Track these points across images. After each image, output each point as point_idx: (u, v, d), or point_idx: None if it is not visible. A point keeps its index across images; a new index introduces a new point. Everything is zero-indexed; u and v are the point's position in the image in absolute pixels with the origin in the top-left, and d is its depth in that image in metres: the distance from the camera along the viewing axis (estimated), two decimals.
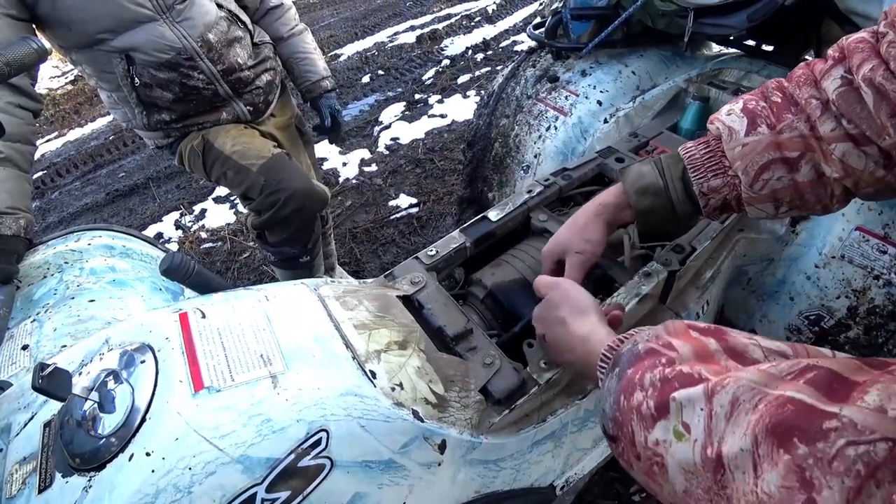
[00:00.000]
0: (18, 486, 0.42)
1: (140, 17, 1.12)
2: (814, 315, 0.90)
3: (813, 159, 0.54)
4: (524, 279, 0.83)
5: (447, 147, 3.23)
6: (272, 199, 1.29)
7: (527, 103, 1.35)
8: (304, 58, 1.47)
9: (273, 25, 1.43)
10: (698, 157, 0.60)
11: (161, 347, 0.45)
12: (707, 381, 0.34)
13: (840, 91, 0.50)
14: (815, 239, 0.91)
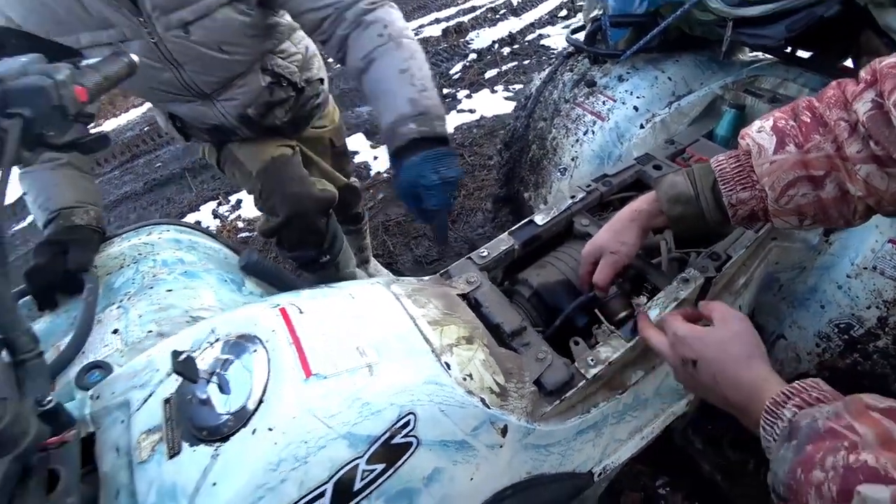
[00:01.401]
0: (148, 453, 0.50)
1: (182, 100, 1.16)
2: (844, 323, 0.94)
3: (838, 178, 0.58)
4: (567, 280, 0.89)
5: (477, 143, 3.28)
6: (269, 205, 1.30)
7: (564, 107, 1.39)
8: (379, 91, 0.97)
9: (349, 55, 1.01)
10: (728, 170, 0.65)
11: (269, 339, 0.53)
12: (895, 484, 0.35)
13: (870, 114, 0.54)
14: (848, 250, 0.95)
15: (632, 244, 0.75)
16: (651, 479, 1.14)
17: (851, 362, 0.93)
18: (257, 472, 0.44)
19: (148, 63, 0.99)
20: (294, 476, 0.44)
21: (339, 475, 0.46)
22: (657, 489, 1.14)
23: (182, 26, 0.96)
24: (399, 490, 0.50)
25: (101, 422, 0.56)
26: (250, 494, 0.43)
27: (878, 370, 0.91)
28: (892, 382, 0.90)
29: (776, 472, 0.44)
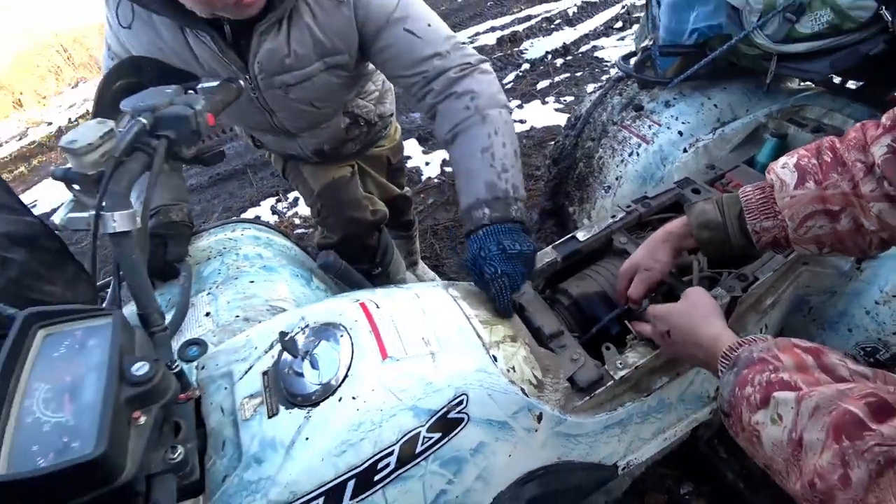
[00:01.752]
0: (251, 413, 0.64)
1: (272, 133, 1.28)
2: (870, 347, 0.99)
3: (853, 213, 0.65)
4: (604, 292, 0.99)
5: (525, 153, 3.36)
6: (327, 223, 1.46)
7: (612, 129, 1.48)
8: (459, 171, 0.98)
9: (437, 126, 1.03)
10: (754, 200, 0.73)
11: (352, 326, 0.66)
12: (800, 390, 0.49)
13: (886, 157, 0.61)
14: (878, 277, 1.00)
15: (664, 262, 0.84)
16: (676, 484, 1.21)
17: None
18: (342, 431, 0.57)
19: (246, 107, 1.11)
20: (371, 436, 0.57)
21: (405, 439, 0.58)
22: (681, 494, 1.20)
23: (283, 87, 1.06)
24: (450, 457, 0.62)
25: (207, 388, 0.68)
26: (336, 448, 0.56)
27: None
28: None
29: (722, 393, 0.58)
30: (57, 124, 6.26)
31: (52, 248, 0.73)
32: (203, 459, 0.59)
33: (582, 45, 4.87)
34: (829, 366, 0.52)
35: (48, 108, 7.23)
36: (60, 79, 7.93)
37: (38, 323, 0.48)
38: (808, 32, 1.07)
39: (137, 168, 0.60)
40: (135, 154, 0.60)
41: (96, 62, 8.39)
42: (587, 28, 5.26)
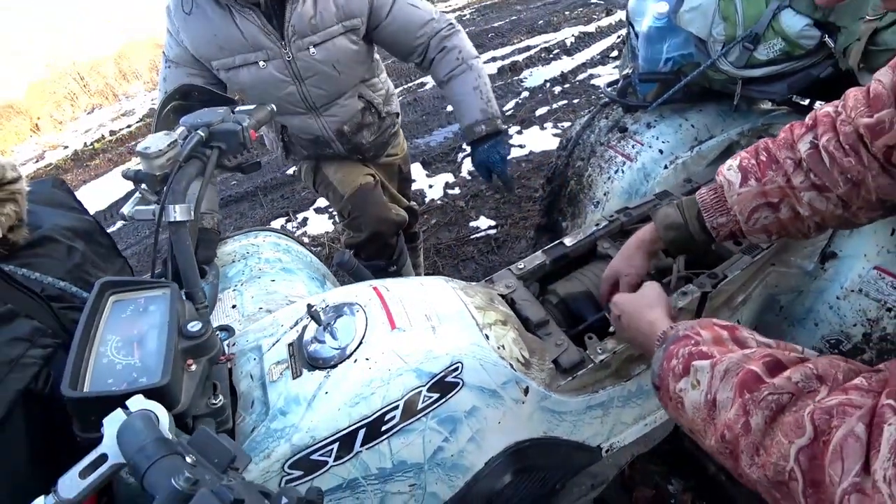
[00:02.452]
0: (277, 376, 0.74)
1: (296, 112, 1.50)
2: (834, 339, 1.09)
3: (790, 203, 0.77)
4: (589, 292, 1.10)
5: (525, 176, 3.52)
6: (355, 224, 1.65)
7: (599, 149, 1.61)
8: (459, 101, 1.48)
9: (434, 70, 1.50)
10: (708, 200, 0.85)
11: (366, 304, 0.77)
12: (713, 358, 0.58)
13: (809, 152, 0.74)
14: (839, 275, 1.10)
15: (640, 266, 0.95)
16: (663, 480, 1.29)
17: None
18: (356, 386, 0.68)
19: (280, 77, 1.38)
20: (380, 391, 0.68)
21: (408, 396, 0.69)
22: (668, 488, 1.28)
23: (309, 47, 1.35)
24: (447, 416, 0.73)
25: (238, 360, 0.79)
26: (350, 400, 0.67)
27: None
28: None
29: (653, 368, 0.67)
30: (73, 148, 6.53)
31: (105, 243, 0.86)
32: (234, 418, 0.70)
33: (579, 74, 5.09)
34: (740, 339, 0.61)
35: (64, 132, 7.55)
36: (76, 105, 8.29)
37: (110, 290, 0.60)
38: (764, 59, 1.21)
39: (194, 172, 0.74)
40: (192, 161, 0.74)
41: (112, 90, 8.76)
42: (584, 57, 5.50)
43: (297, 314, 0.81)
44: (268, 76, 1.37)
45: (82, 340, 0.55)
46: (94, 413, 0.50)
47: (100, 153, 6.09)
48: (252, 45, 1.31)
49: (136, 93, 8.79)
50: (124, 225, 4.06)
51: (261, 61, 1.34)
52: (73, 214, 0.82)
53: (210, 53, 1.32)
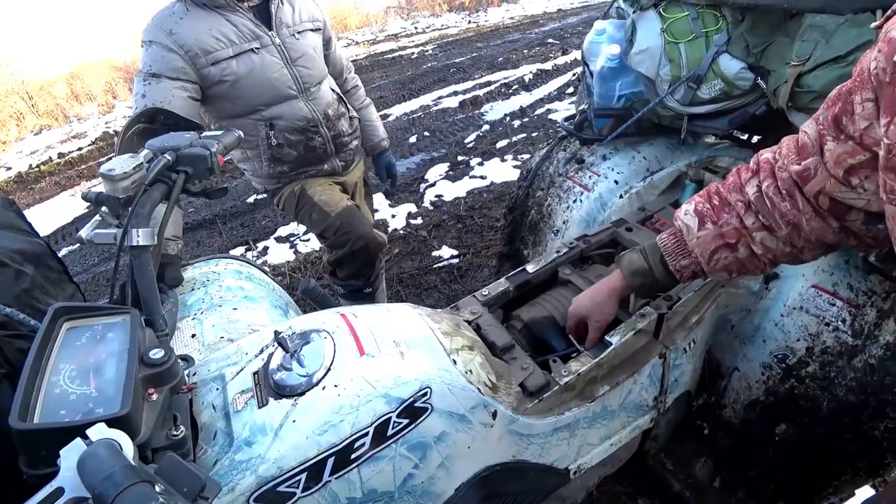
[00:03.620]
0: (242, 405, 0.72)
1: (288, 95, 1.64)
2: (781, 354, 1.16)
3: (746, 243, 0.83)
4: (552, 317, 1.13)
5: (486, 206, 3.60)
6: (344, 239, 1.75)
7: (558, 180, 1.69)
8: (370, 125, 2.04)
9: (352, 99, 1.98)
10: (670, 245, 0.91)
11: (334, 331, 0.77)
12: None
13: (755, 196, 0.81)
14: (782, 294, 1.19)
15: (610, 312, 1.00)
16: (630, 500, 1.31)
17: (790, 387, 1.14)
18: (325, 414, 0.67)
19: (275, 60, 1.60)
20: (349, 419, 0.68)
21: (378, 422, 0.69)
22: None
23: (294, 35, 1.64)
24: (417, 442, 0.73)
25: (199, 390, 0.77)
26: (319, 428, 0.67)
27: (811, 392, 1.12)
28: (823, 402, 1.11)
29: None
30: (16, 169, 6.22)
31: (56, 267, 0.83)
32: (195, 450, 0.68)
33: (537, 109, 5.31)
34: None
35: (8, 153, 7.19)
36: (23, 125, 7.94)
37: (64, 316, 0.59)
38: (707, 97, 1.31)
39: (158, 196, 0.73)
40: (157, 184, 0.73)
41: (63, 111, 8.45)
42: (542, 93, 5.76)
43: (262, 342, 0.79)
44: (263, 60, 1.57)
45: (32, 370, 0.53)
46: (44, 447, 0.48)
47: (46, 176, 5.83)
48: (247, 35, 1.54)
49: (88, 115, 8.52)
50: (71, 251, 3.88)
51: (255, 47, 1.55)
52: (22, 237, 0.79)
53: (209, 45, 1.47)
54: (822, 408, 1.11)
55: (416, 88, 6.51)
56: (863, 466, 1.11)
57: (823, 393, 1.11)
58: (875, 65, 0.59)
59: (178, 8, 1.48)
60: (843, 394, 1.09)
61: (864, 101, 0.62)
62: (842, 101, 0.67)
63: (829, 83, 1.04)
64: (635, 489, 1.31)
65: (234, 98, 1.54)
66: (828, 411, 1.11)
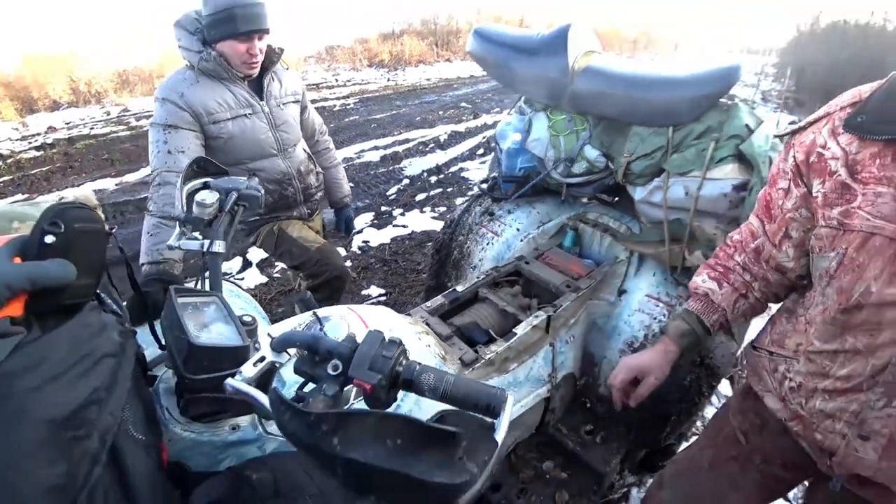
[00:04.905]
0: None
1: (270, 153, 2.04)
2: (630, 341, 1.75)
3: (752, 292, 1.14)
4: (475, 321, 1.64)
5: (408, 252, 4.11)
6: (322, 269, 2.18)
7: (475, 228, 2.25)
8: (337, 183, 2.49)
9: (322, 158, 2.42)
10: (700, 308, 1.18)
11: (344, 315, 1.20)
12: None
13: (743, 261, 1.15)
14: (629, 302, 1.80)
15: (666, 373, 1.20)
16: (539, 462, 1.79)
17: None
18: None
19: (262, 125, 1.98)
20: None
21: None
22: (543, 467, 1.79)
23: (279, 105, 2.04)
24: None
25: None
26: None
27: None
28: None
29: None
30: None
31: None
32: None
33: (452, 166, 6.01)
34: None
35: None
36: None
37: (177, 294, 0.97)
38: (578, 172, 1.95)
39: (227, 220, 1.14)
40: (227, 213, 1.14)
41: None
42: (456, 152, 6.50)
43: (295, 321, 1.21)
44: (253, 124, 1.95)
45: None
46: (205, 360, 0.86)
47: None
48: (243, 102, 1.92)
49: None
50: None
51: (248, 113, 1.94)
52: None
53: (212, 108, 1.84)
54: None
55: (340, 141, 7.00)
56: (684, 408, 1.70)
57: None
58: (792, 161, 0.96)
59: (189, 75, 1.83)
60: None
61: (779, 189, 1.01)
62: (765, 199, 1.07)
63: (644, 169, 1.71)
64: (542, 454, 1.80)
65: (227, 151, 1.92)
66: None
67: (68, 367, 0.59)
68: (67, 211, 0.65)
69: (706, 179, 1.56)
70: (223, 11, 1.71)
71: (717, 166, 1.55)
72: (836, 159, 0.89)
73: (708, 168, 1.56)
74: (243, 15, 1.72)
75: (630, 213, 1.99)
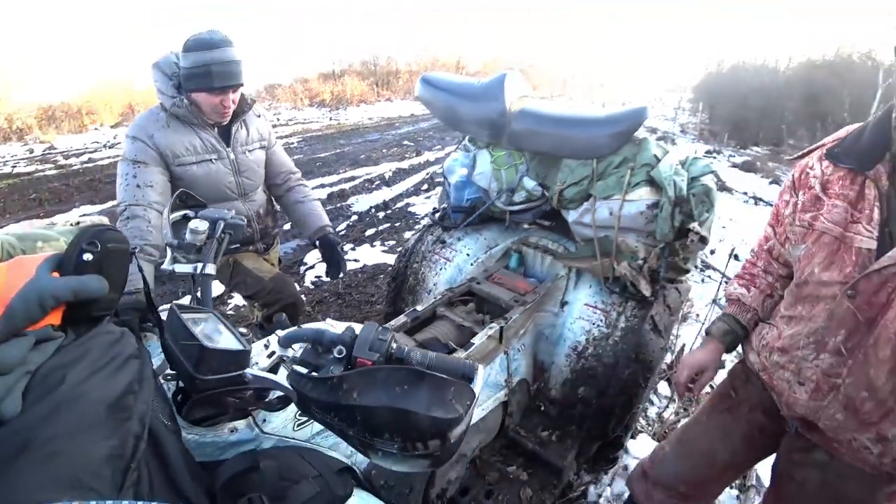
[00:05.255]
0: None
1: (231, 197, 2.15)
2: (574, 345, 1.98)
3: (776, 291, 1.38)
4: (436, 337, 1.82)
5: (361, 285, 4.23)
6: (276, 298, 2.28)
7: (428, 255, 2.45)
8: (314, 214, 2.36)
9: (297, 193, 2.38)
10: (736, 310, 1.44)
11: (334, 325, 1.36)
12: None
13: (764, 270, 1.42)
14: (571, 311, 2.04)
15: (717, 367, 1.46)
16: (503, 465, 1.96)
17: (581, 364, 1.96)
18: None
19: (226, 171, 2.08)
20: None
21: None
22: (507, 469, 1.96)
23: (245, 152, 2.13)
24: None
25: None
26: None
27: (591, 363, 1.94)
28: (598, 367, 1.92)
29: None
30: None
31: None
32: None
33: (398, 202, 6.23)
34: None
35: None
36: None
37: (179, 310, 1.10)
38: (519, 201, 2.21)
39: (216, 246, 1.27)
40: (215, 239, 1.28)
41: None
42: (401, 188, 6.73)
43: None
44: (217, 169, 2.06)
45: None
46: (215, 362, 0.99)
47: None
48: (209, 148, 2.03)
49: None
50: None
51: (213, 158, 2.04)
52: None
53: (178, 152, 1.95)
54: (599, 371, 1.94)
55: None
56: (624, 400, 1.93)
57: (598, 362, 1.95)
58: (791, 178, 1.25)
59: (160, 116, 1.92)
60: (606, 360, 1.94)
61: (783, 200, 1.29)
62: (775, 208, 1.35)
63: (574, 195, 1.99)
64: (504, 457, 1.98)
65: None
66: (602, 371, 1.94)
67: (105, 363, 0.70)
68: (104, 232, 0.79)
69: (625, 201, 1.85)
70: (201, 67, 1.84)
71: (634, 190, 1.85)
72: (816, 178, 1.17)
73: (626, 192, 1.85)
74: (219, 72, 1.85)
75: (566, 234, 2.26)
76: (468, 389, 0.73)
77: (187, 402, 1.03)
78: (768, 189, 7.71)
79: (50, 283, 0.67)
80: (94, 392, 0.65)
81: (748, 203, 6.94)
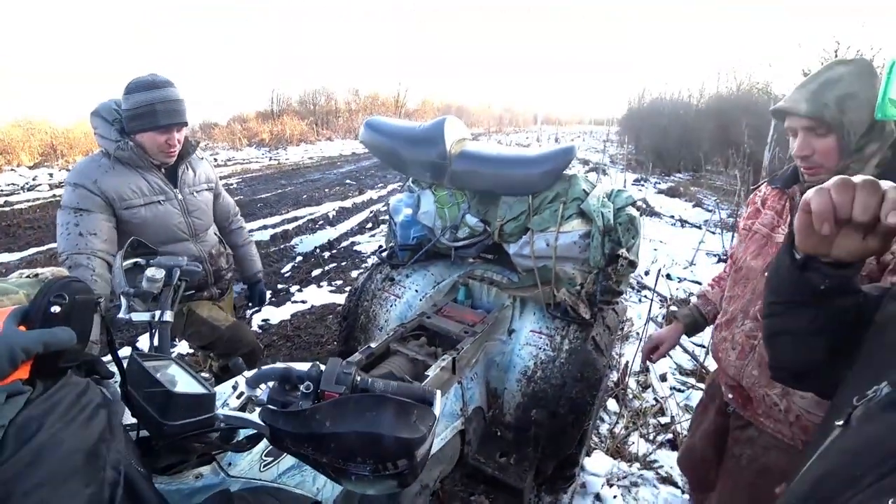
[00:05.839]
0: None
1: (182, 238, 2.13)
2: (524, 370, 2.10)
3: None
4: (391, 372, 1.89)
5: (310, 326, 4.21)
6: (234, 347, 2.27)
7: (378, 293, 2.53)
8: (250, 259, 2.61)
9: (236, 236, 2.54)
10: (701, 302, 1.82)
11: None
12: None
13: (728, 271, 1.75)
14: (518, 338, 2.16)
15: (675, 344, 1.87)
16: (466, 493, 2.02)
17: (531, 387, 2.08)
18: None
19: (175, 212, 2.08)
20: None
21: None
22: (470, 497, 2.02)
23: (193, 193, 2.15)
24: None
25: None
26: None
27: (541, 385, 2.06)
28: (548, 389, 2.04)
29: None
30: None
31: None
32: None
33: (343, 241, 6.26)
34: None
35: None
36: None
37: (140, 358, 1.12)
38: (462, 237, 2.35)
39: (172, 294, 1.30)
40: (171, 287, 1.31)
41: None
42: (345, 228, 6.78)
43: None
44: (166, 210, 2.05)
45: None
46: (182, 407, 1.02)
47: None
48: (156, 189, 2.03)
49: None
50: None
51: (161, 200, 2.04)
52: None
53: (125, 195, 1.93)
54: (549, 393, 2.06)
55: None
56: (574, 419, 2.05)
57: (547, 384, 2.07)
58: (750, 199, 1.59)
59: (104, 162, 1.91)
60: (555, 381, 2.06)
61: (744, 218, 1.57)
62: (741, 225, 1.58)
63: (514, 229, 2.15)
64: (466, 486, 2.04)
65: (139, 235, 1.95)
66: (552, 393, 2.06)
67: (77, 413, 0.72)
68: (70, 284, 0.83)
69: (560, 233, 2.03)
70: (145, 106, 1.86)
71: (567, 222, 2.03)
72: (760, 196, 1.55)
73: (560, 224, 2.03)
74: (164, 110, 1.89)
75: (508, 266, 2.41)
76: (429, 412, 0.82)
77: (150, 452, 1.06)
78: (692, 212, 8.35)
79: (19, 336, 0.69)
80: (69, 441, 0.68)
81: (675, 226, 7.49)
